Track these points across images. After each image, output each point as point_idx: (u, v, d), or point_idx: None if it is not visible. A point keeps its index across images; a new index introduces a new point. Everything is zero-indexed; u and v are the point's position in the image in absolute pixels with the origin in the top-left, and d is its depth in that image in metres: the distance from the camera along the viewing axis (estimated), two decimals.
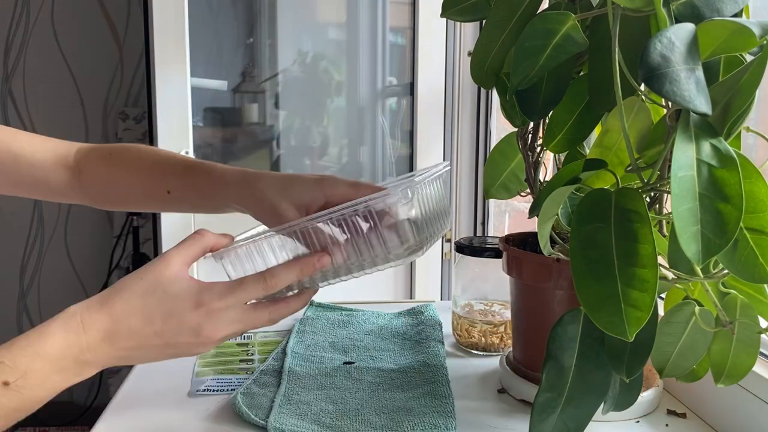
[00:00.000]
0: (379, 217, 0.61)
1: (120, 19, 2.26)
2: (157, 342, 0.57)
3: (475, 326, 0.88)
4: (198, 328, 0.57)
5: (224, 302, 0.58)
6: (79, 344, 0.55)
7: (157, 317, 0.57)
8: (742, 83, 0.46)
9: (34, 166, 0.76)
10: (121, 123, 2.23)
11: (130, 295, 0.58)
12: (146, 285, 0.58)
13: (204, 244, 0.62)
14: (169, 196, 0.75)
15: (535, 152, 0.70)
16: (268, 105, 1.54)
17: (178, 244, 0.61)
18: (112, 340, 0.56)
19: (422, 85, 1.49)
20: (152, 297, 0.57)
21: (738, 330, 0.52)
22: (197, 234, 0.63)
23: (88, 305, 0.57)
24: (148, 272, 0.59)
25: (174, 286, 0.58)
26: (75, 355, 0.55)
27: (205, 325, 0.58)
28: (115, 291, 0.58)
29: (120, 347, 0.57)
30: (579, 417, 0.54)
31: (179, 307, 0.57)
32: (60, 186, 0.78)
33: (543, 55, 0.53)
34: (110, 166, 0.78)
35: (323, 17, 1.58)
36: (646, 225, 0.47)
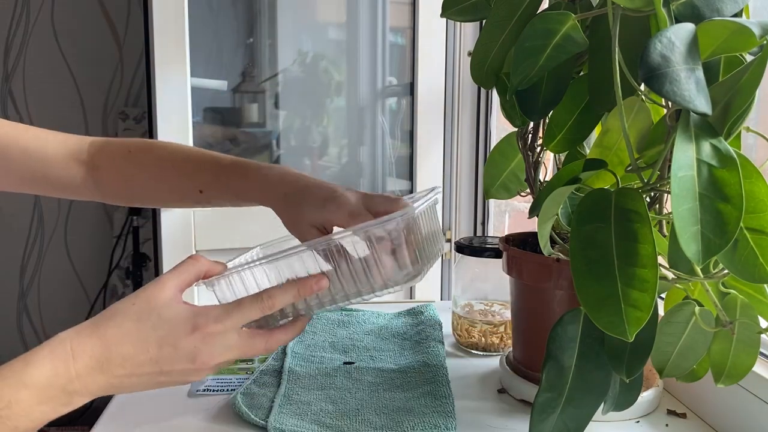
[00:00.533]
0: (378, 243, 0.60)
1: (120, 19, 2.26)
2: (151, 369, 0.55)
3: (475, 326, 0.88)
4: (194, 354, 0.55)
5: (221, 325, 0.56)
6: (67, 373, 0.53)
7: (152, 343, 0.55)
8: (742, 83, 0.46)
9: (44, 162, 0.74)
10: (121, 123, 2.23)
11: (123, 320, 0.55)
12: (139, 310, 0.56)
13: (198, 270, 0.60)
14: (201, 195, 0.74)
15: (535, 152, 0.70)
16: (268, 105, 1.54)
17: (172, 269, 0.59)
18: (103, 367, 0.54)
19: (422, 85, 1.49)
20: (146, 322, 0.55)
21: (738, 330, 0.52)
22: (192, 259, 0.61)
23: (78, 331, 0.54)
24: (141, 297, 0.57)
25: (169, 310, 0.56)
26: (63, 385, 0.52)
27: (202, 350, 0.56)
28: (106, 316, 0.56)
29: (112, 375, 0.54)
30: (579, 417, 0.54)
31: (175, 332, 0.55)
32: (72, 182, 0.76)
33: (543, 55, 0.53)
34: (131, 164, 0.76)
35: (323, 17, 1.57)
36: (646, 225, 0.47)
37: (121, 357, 0.54)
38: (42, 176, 0.75)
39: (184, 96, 1.33)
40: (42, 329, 2.28)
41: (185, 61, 1.32)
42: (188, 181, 0.74)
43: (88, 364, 0.53)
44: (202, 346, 0.56)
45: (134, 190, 0.78)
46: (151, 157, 0.76)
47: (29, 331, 2.27)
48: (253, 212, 1.40)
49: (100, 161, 0.76)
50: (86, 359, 0.53)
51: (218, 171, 0.73)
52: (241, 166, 0.72)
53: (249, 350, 0.58)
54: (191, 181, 0.74)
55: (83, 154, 0.76)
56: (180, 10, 1.31)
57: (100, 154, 0.76)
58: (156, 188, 0.77)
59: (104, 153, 0.76)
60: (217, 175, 0.72)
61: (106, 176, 0.76)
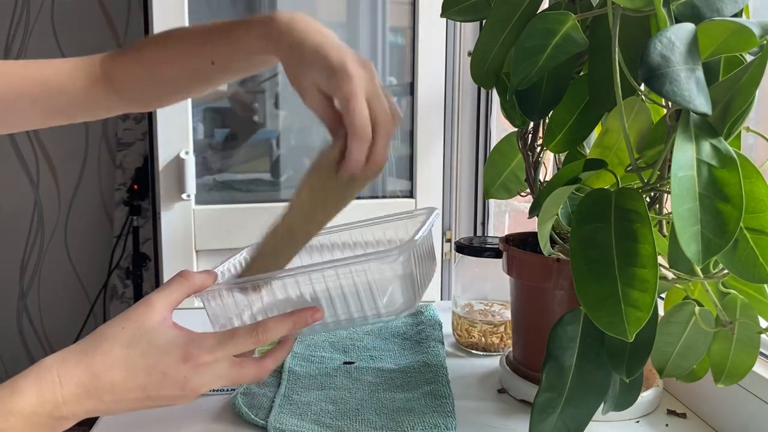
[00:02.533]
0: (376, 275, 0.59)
1: (120, 19, 2.26)
2: (138, 395, 0.54)
3: (475, 326, 0.88)
4: (184, 382, 0.55)
5: (213, 356, 0.55)
6: (54, 400, 0.52)
7: (141, 370, 0.54)
8: (742, 83, 0.46)
9: (65, 91, 0.74)
10: (121, 123, 2.23)
11: (112, 346, 0.54)
12: (129, 335, 0.55)
13: (188, 286, 0.59)
14: (214, 66, 0.70)
15: (535, 152, 0.70)
16: (268, 105, 1.54)
17: (161, 288, 0.58)
18: (91, 394, 0.53)
19: (422, 85, 1.49)
20: (136, 348, 0.54)
21: (738, 330, 0.52)
22: (180, 276, 0.60)
23: (64, 358, 0.54)
24: (130, 320, 0.56)
25: (159, 336, 0.55)
26: (50, 412, 0.52)
27: (192, 379, 0.55)
28: (95, 342, 0.55)
29: (100, 400, 0.54)
30: (579, 417, 0.54)
31: (165, 360, 0.54)
32: (94, 102, 0.76)
33: (543, 55, 0.53)
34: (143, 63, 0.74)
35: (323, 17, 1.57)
36: (646, 225, 0.47)
37: (110, 384, 0.53)
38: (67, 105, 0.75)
39: None
40: (42, 329, 2.28)
41: None
42: (198, 55, 0.71)
43: (75, 391, 0.53)
44: (192, 375, 0.55)
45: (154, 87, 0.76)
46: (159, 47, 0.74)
47: (29, 331, 2.27)
48: (253, 213, 1.40)
49: (114, 72, 0.75)
50: (73, 387, 0.53)
51: (223, 30, 0.69)
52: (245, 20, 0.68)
53: (238, 380, 0.57)
54: (201, 53, 0.70)
55: (97, 72, 0.75)
56: (180, 10, 1.31)
57: (113, 65, 0.75)
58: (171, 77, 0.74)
59: (117, 63, 0.75)
60: (224, 34, 0.68)
61: (124, 84, 0.75)
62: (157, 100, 0.82)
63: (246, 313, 0.64)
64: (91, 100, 0.75)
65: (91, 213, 2.30)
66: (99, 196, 2.29)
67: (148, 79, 0.74)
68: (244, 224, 1.38)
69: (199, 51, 0.70)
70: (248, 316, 0.64)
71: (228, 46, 0.68)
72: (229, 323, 0.64)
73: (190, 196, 1.37)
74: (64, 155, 2.23)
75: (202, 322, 0.65)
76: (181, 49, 0.72)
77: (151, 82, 0.75)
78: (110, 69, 0.75)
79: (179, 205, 1.37)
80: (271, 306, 0.63)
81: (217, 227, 1.39)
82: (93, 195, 2.29)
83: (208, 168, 1.48)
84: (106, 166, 2.29)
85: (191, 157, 1.35)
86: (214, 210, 1.39)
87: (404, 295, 0.60)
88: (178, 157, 1.35)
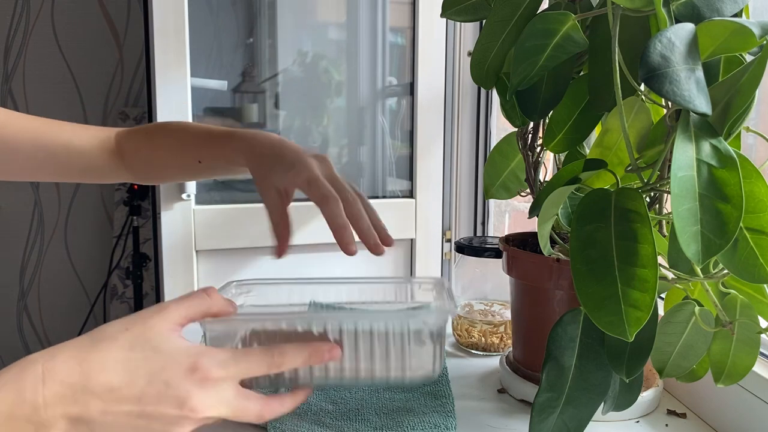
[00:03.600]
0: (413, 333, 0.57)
1: (120, 19, 2.26)
2: (131, 408, 0.47)
3: (475, 326, 0.88)
4: (185, 398, 0.48)
5: (224, 372, 0.50)
6: (33, 401, 0.45)
7: (141, 377, 0.47)
8: (742, 83, 0.46)
9: (82, 154, 0.82)
10: (121, 123, 2.23)
11: (111, 345, 0.48)
12: (133, 337, 0.48)
13: (207, 307, 0.54)
14: (200, 165, 0.80)
15: (535, 152, 0.70)
16: (268, 105, 1.54)
17: (180, 299, 0.53)
18: (77, 398, 0.45)
19: (422, 85, 1.49)
20: (139, 352, 0.48)
21: (738, 330, 0.52)
22: (204, 293, 0.55)
23: (53, 354, 0.47)
24: (137, 322, 0.50)
25: (167, 343, 0.49)
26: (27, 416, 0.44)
27: (194, 396, 0.48)
28: (93, 340, 0.48)
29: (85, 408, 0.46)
30: (579, 417, 0.54)
31: (171, 368, 0.48)
32: (105, 168, 0.84)
33: (543, 55, 0.53)
34: (149, 146, 0.84)
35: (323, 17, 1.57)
36: (646, 225, 0.47)
37: (101, 387, 0.46)
38: (82, 167, 0.83)
39: (184, 96, 1.33)
40: (42, 329, 2.28)
41: (185, 61, 1.32)
42: (188, 153, 0.81)
43: (59, 392, 0.45)
44: (197, 392, 0.48)
45: (154, 169, 0.86)
46: (161, 137, 0.84)
47: (29, 331, 2.27)
48: (253, 213, 1.40)
49: (126, 147, 0.85)
50: (57, 386, 0.45)
51: (211, 139, 0.79)
52: (231, 132, 0.79)
53: (241, 412, 0.51)
54: (191, 152, 0.80)
55: (111, 143, 0.85)
56: (180, 10, 1.31)
57: (126, 141, 0.85)
58: (167, 164, 0.85)
59: (129, 139, 0.85)
60: (211, 143, 0.79)
61: (132, 159, 0.85)
62: (158, 179, 0.95)
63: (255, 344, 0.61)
64: (103, 166, 0.84)
65: (91, 213, 2.30)
66: (99, 196, 2.29)
67: (151, 161, 0.85)
68: (244, 224, 1.38)
69: (192, 149, 0.81)
70: None
71: (212, 151, 0.79)
72: None
73: (190, 196, 1.37)
74: None
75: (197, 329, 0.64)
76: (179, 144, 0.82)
77: (152, 165, 0.85)
78: (123, 144, 0.85)
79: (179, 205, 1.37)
80: None
81: (217, 227, 1.39)
82: (93, 195, 2.29)
83: None
84: None
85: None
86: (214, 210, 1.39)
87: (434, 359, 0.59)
88: None
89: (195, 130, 0.82)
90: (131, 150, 0.85)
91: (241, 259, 1.42)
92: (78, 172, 0.84)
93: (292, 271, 1.44)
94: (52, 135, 0.80)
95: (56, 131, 0.80)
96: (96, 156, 0.83)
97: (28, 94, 2.24)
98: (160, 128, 0.87)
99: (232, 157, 0.76)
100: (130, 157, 0.85)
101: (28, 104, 2.23)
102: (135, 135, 0.86)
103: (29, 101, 2.24)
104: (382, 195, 1.58)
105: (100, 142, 0.84)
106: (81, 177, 0.85)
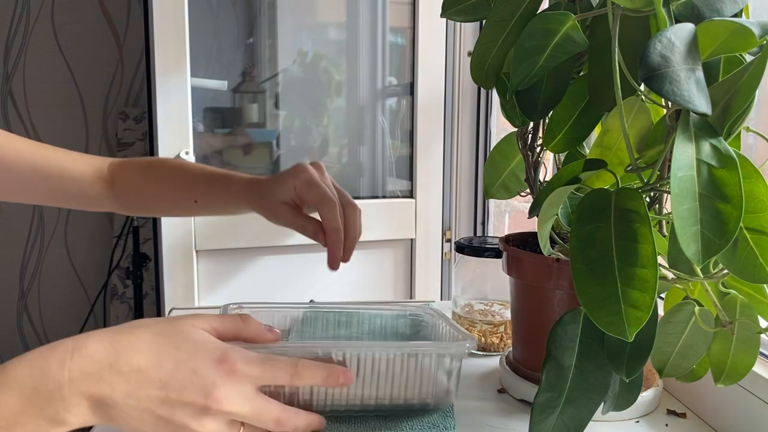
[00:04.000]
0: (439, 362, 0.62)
1: (120, 19, 2.26)
2: (156, 393, 0.47)
3: (475, 326, 0.88)
4: (211, 387, 0.48)
5: (249, 369, 0.50)
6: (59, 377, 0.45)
7: (169, 361, 0.48)
8: (742, 83, 0.46)
9: (76, 180, 0.83)
10: (121, 123, 2.23)
11: (143, 331, 0.49)
12: (164, 327, 0.50)
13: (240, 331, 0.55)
14: (196, 204, 0.83)
15: (535, 152, 0.70)
16: (268, 105, 1.54)
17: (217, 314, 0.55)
18: (103, 376, 0.46)
19: (422, 85, 1.49)
20: (170, 338, 0.49)
21: (738, 330, 0.52)
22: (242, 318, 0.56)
23: (87, 335, 0.48)
24: (170, 318, 0.52)
25: (198, 334, 0.51)
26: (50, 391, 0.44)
27: (220, 387, 0.48)
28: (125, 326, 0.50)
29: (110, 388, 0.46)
30: (579, 417, 0.54)
31: (199, 356, 0.49)
32: (96, 197, 0.85)
33: (543, 55, 0.53)
34: (141, 180, 0.86)
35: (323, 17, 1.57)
36: (646, 225, 0.47)
37: (129, 367, 0.47)
38: (74, 193, 0.84)
39: (184, 96, 1.33)
40: (42, 329, 2.28)
41: (185, 61, 1.32)
42: (185, 193, 0.84)
43: (86, 367, 0.46)
44: (222, 383, 0.49)
45: (144, 202, 0.88)
46: (156, 173, 0.87)
47: (29, 331, 2.27)
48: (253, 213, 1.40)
49: (118, 178, 0.86)
50: (85, 361, 0.46)
51: (209, 182, 0.83)
52: (228, 176, 0.83)
53: (262, 412, 0.51)
54: (188, 192, 0.84)
55: (104, 172, 0.86)
56: (180, 10, 1.31)
57: (119, 171, 0.87)
58: (160, 199, 0.87)
59: (121, 171, 0.87)
60: (209, 186, 0.83)
61: (122, 190, 0.86)
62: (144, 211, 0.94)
63: None
64: (93, 194, 0.85)
65: (91, 213, 2.30)
66: None
67: (141, 194, 0.87)
68: (243, 224, 1.38)
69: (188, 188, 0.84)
70: None
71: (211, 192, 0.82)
72: None
73: None
74: None
75: None
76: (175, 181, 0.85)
77: (142, 197, 0.87)
78: (115, 174, 0.86)
79: None
80: None
81: (217, 227, 1.39)
82: None
83: None
84: None
85: (191, 157, 1.36)
86: None
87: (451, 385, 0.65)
88: (178, 157, 1.35)
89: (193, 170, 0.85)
90: (123, 181, 0.86)
91: (241, 259, 1.42)
92: (70, 198, 0.85)
93: (292, 271, 1.45)
94: (47, 159, 0.81)
95: (51, 155, 0.82)
96: (89, 184, 0.84)
97: (28, 94, 2.24)
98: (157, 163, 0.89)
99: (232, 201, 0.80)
100: (120, 187, 0.86)
101: (28, 104, 2.23)
102: (129, 166, 0.87)
103: (29, 101, 2.24)
104: (382, 195, 1.58)
105: (94, 169, 0.85)
106: (73, 203, 0.87)
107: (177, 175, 0.85)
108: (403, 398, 0.64)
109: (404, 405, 0.65)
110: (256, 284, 1.43)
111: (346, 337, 0.90)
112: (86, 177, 0.84)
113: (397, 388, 0.64)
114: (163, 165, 0.89)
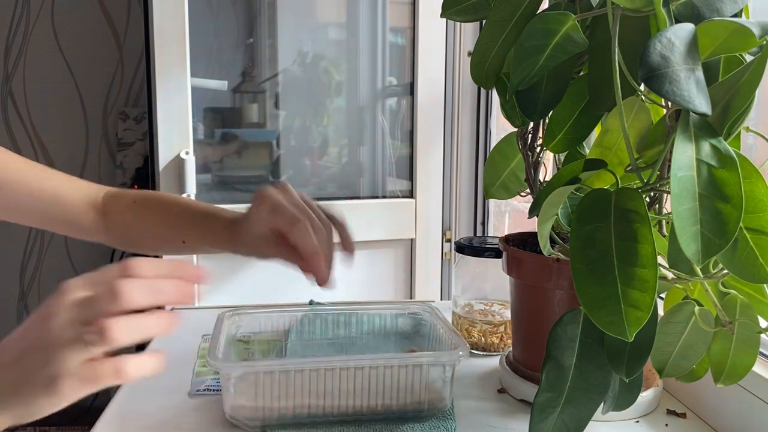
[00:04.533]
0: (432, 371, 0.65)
1: (120, 19, 2.26)
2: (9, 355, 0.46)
3: (475, 326, 0.88)
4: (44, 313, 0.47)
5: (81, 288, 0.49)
6: None
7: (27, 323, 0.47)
8: (742, 83, 0.46)
9: (67, 206, 0.81)
10: (121, 123, 2.23)
11: None
12: None
13: None
14: (184, 245, 0.81)
15: (535, 152, 0.70)
16: (268, 105, 1.54)
17: None
18: None
19: (422, 85, 1.49)
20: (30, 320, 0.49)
21: (738, 330, 0.52)
22: None
23: None
24: None
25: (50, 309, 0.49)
26: None
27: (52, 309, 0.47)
28: None
29: None
30: (579, 417, 0.54)
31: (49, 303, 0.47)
32: (88, 225, 0.83)
33: (543, 55, 0.53)
34: (132, 214, 0.83)
35: (323, 17, 1.57)
36: (646, 225, 0.47)
37: None
38: (64, 219, 0.82)
39: (184, 96, 1.33)
40: None
41: (185, 61, 1.32)
42: (173, 232, 0.81)
43: None
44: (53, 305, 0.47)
45: (133, 238, 0.85)
46: (147, 210, 0.84)
47: None
48: None
49: (110, 209, 0.83)
50: None
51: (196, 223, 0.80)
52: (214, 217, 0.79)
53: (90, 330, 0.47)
54: (175, 232, 0.81)
55: (99, 201, 0.84)
56: (180, 10, 1.31)
57: (112, 203, 0.84)
58: (147, 236, 0.84)
59: (115, 202, 0.84)
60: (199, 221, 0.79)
61: (113, 223, 0.83)
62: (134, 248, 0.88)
63: None
64: (86, 223, 0.83)
65: None
66: None
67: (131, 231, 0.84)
68: None
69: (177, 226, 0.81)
70: None
71: (199, 231, 0.79)
72: None
73: (191, 196, 1.37)
74: (64, 155, 2.23)
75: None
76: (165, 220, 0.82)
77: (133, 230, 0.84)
78: (109, 204, 0.84)
79: None
80: None
81: None
82: None
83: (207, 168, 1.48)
84: (106, 166, 2.29)
85: (191, 157, 1.36)
86: None
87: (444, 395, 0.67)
88: (178, 157, 1.35)
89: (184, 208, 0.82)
90: (115, 214, 0.83)
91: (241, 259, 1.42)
92: (60, 224, 0.82)
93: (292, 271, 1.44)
94: (41, 182, 0.79)
95: (45, 178, 0.80)
96: (80, 212, 0.82)
97: (28, 94, 2.24)
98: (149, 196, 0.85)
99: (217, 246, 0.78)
100: (112, 218, 0.83)
101: (28, 104, 2.23)
102: (123, 199, 0.84)
103: (29, 101, 2.24)
104: (382, 195, 1.58)
105: (87, 197, 0.82)
106: (65, 229, 0.84)
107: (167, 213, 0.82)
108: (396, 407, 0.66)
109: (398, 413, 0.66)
110: (256, 284, 1.43)
111: (345, 338, 0.90)
112: (78, 204, 0.81)
113: (389, 397, 0.65)
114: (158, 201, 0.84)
